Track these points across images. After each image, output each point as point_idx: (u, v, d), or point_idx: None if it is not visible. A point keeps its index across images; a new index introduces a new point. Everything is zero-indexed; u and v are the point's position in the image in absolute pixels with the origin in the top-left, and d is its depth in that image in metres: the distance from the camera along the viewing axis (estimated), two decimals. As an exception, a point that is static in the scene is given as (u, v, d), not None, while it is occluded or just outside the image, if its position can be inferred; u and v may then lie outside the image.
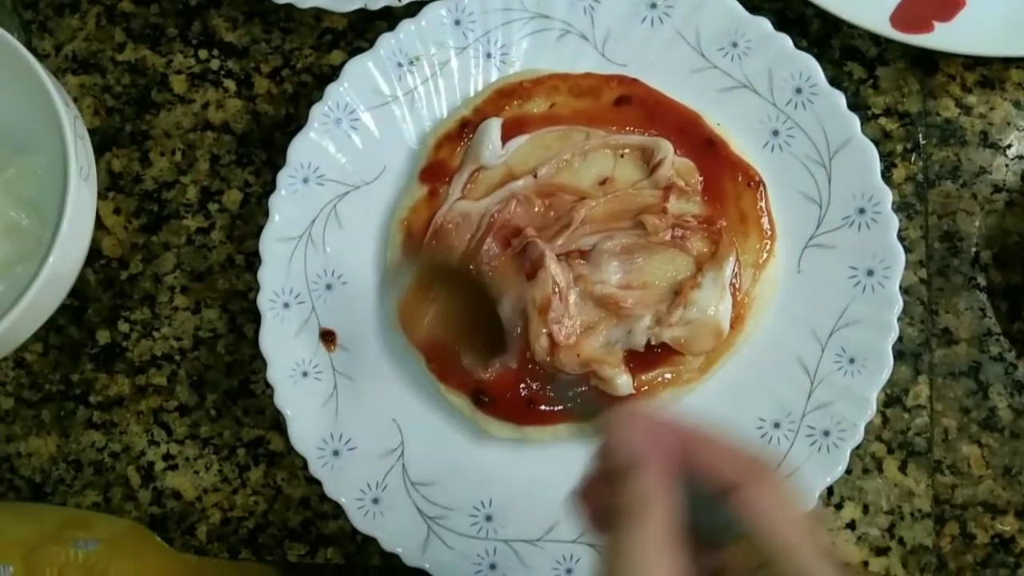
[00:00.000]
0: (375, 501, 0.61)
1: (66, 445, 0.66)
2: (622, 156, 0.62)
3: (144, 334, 0.67)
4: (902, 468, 0.62)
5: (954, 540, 0.61)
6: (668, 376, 0.60)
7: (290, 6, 0.64)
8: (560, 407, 0.60)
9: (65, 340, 0.67)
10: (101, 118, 0.69)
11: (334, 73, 0.67)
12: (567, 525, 0.60)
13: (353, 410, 0.62)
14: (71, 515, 0.64)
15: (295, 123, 0.67)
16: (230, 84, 0.69)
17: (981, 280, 0.63)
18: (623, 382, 0.59)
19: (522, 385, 0.60)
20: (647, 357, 0.60)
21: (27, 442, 0.66)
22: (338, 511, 0.61)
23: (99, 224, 0.68)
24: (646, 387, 0.60)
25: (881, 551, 0.61)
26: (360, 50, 0.65)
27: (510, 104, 0.63)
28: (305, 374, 0.62)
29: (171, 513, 0.65)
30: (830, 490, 0.60)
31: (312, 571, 0.65)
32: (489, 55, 0.64)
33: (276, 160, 0.66)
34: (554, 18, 0.64)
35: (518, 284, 0.60)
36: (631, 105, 0.62)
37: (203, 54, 0.69)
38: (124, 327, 0.67)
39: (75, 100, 0.69)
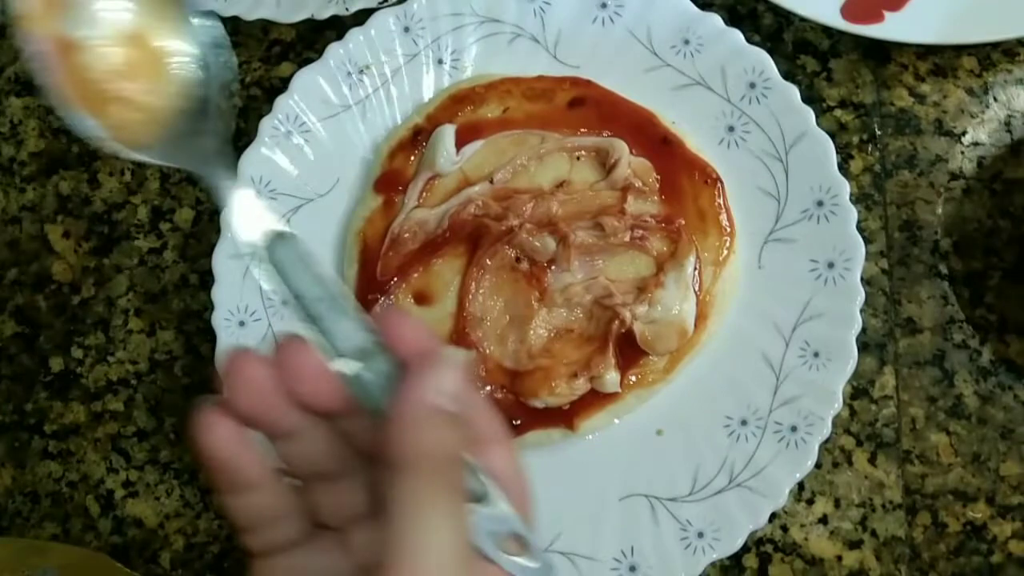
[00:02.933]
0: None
1: (22, 477, 0.65)
2: (578, 158, 0.61)
3: (99, 359, 0.65)
4: (871, 460, 0.61)
5: (926, 530, 0.60)
6: (633, 379, 0.59)
7: (236, 19, 0.63)
8: (520, 420, 0.59)
9: (17, 369, 0.66)
10: (47, 140, 0.67)
11: (284, 86, 0.66)
12: (538, 533, 0.58)
13: (315, 427, 0.60)
14: (28, 544, 0.62)
15: (246, 138, 0.65)
16: (178, 100, 0.67)
17: (942, 268, 0.63)
18: (611, 378, 0.58)
19: (484, 395, 0.59)
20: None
21: (-19, 475, 0.65)
22: (304, 531, 0.60)
23: (48, 249, 0.66)
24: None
25: (854, 544, 0.61)
26: (309, 61, 0.64)
27: (463, 110, 0.62)
28: (265, 393, 0.60)
29: (133, 541, 0.64)
30: (800, 485, 0.60)
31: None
32: (440, 61, 0.63)
33: (228, 176, 0.65)
34: (504, 22, 0.63)
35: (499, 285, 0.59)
36: (585, 107, 0.62)
37: (149, 71, 0.68)
38: (78, 353, 0.66)
39: (19, 122, 0.68)
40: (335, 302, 0.36)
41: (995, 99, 0.65)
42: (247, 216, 0.38)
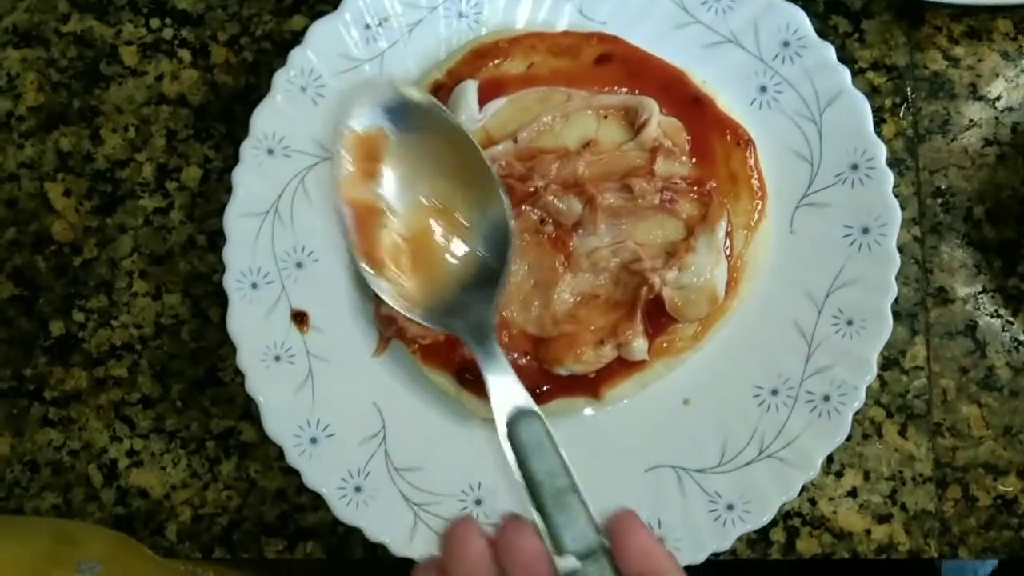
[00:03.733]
0: (357, 489, 0.57)
1: (20, 445, 0.62)
2: (605, 117, 0.59)
3: (101, 323, 0.63)
4: (902, 432, 0.60)
5: (956, 504, 0.59)
6: (663, 345, 0.57)
7: (247, -31, 0.61)
8: (545, 387, 0.57)
9: (15, 333, 0.63)
10: (46, 94, 0.64)
11: (296, 39, 0.63)
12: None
13: (330, 395, 0.58)
14: (57, 529, 0.59)
15: (256, 93, 0.63)
16: (185, 54, 0.65)
17: (975, 236, 0.61)
18: (639, 346, 0.56)
19: (508, 361, 0.57)
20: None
21: (-22, 443, 0.62)
22: (317, 503, 0.58)
23: (48, 207, 0.63)
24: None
25: (884, 518, 0.59)
26: (323, 14, 0.61)
27: (486, 65, 0.59)
28: (277, 358, 0.58)
29: (138, 513, 0.61)
30: (830, 458, 0.58)
31: (293, 568, 0.62)
32: (461, 14, 0.61)
33: (237, 133, 0.62)
34: (529, -26, 0.61)
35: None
36: (612, 64, 0.60)
37: (155, 23, 0.65)
38: (79, 316, 0.63)
39: (17, 75, 0.65)
40: (570, 495, 0.36)
41: (1030, 64, 0.63)
42: (499, 390, 0.40)
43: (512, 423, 0.37)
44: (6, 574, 0.52)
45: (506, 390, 0.40)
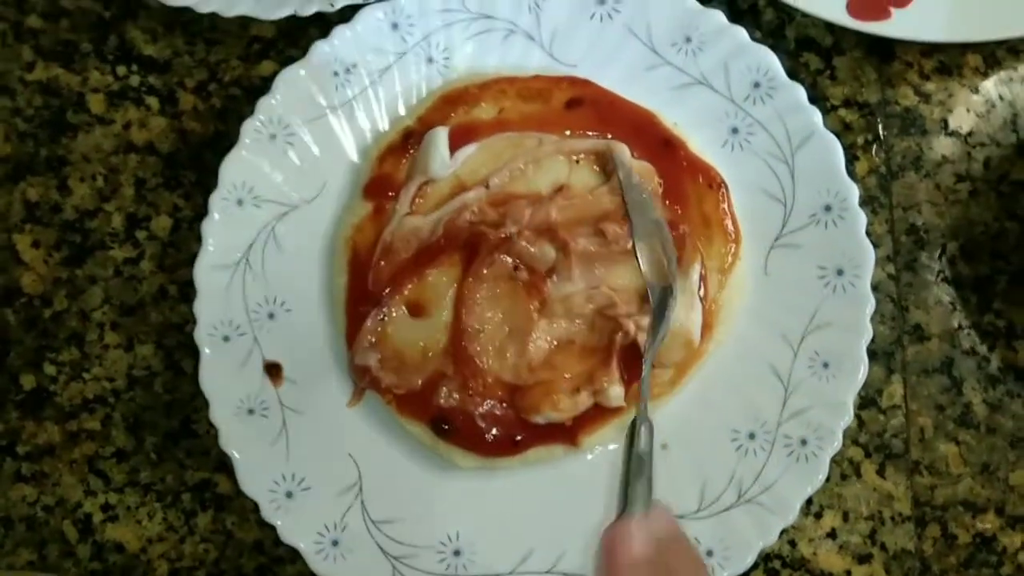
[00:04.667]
0: (335, 543, 0.57)
1: (-7, 501, 0.61)
2: (577, 161, 0.59)
3: (73, 376, 0.62)
4: (880, 472, 0.60)
5: (936, 542, 0.59)
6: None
7: (214, 15, 0.60)
8: (522, 436, 0.56)
9: (-15, 387, 0.62)
10: (12, 144, 0.64)
11: (265, 85, 0.62)
12: (541, 554, 0.57)
13: (305, 447, 0.58)
14: None
15: (226, 140, 0.62)
16: (152, 101, 0.64)
17: (949, 273, 0.61)
18: (615, 393, 0.56)
19: (483, 410, 0.57)
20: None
21: (-51, 500, 0.61)
22: (295, 554, 0.57)
23: (16, 259, 0.63)
24: (618, 402, 0.57)
25: (864, 558, 0.59)
26: (292, 59, 0.61)
27: (456, 111, 0.59)
28: (251, 411, 0.58)
29: (114, 568, 0.61)
30: (809, 499, 0.58)
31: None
32: (431, 59, 0.61)
33: (207, 181, 0.62)
34: (498, 18, 0.60)
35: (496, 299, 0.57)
36: (583, 107, 0.59)
37: (121, 70, 0.64)
38: (51, 369, 0.62)
39: (-18, 125, 0.64)
40: None
41: (1000, 98, 0.63)
42: None
43: None
44: None
45: None
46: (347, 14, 0.59)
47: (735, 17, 0.61)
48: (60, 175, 0.63)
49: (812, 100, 0.58)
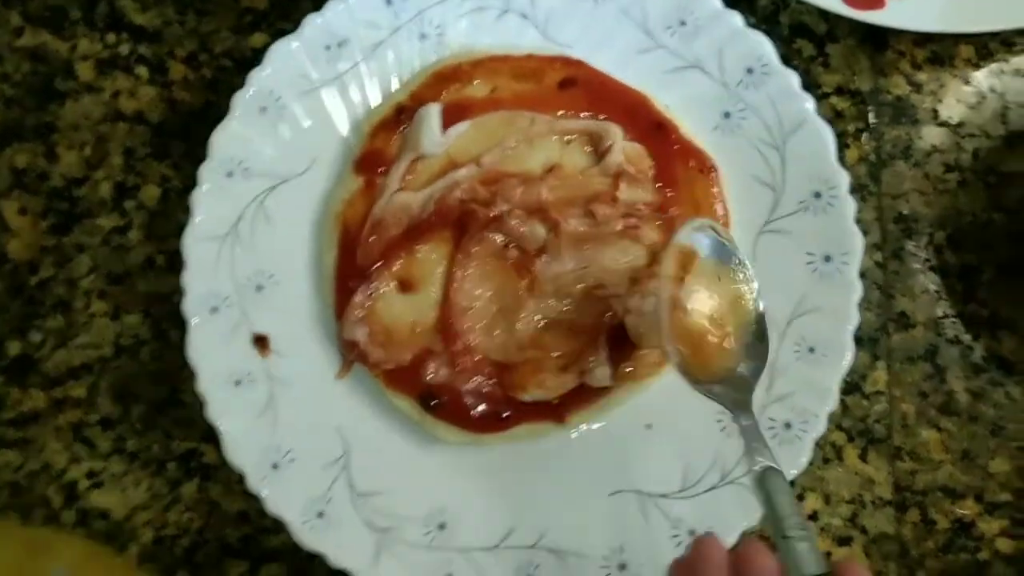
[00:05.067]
0: (320, 515, 0.57)
1: (-23, 467, 0.61)
2: (569, 142, 0.59)
3: (59, 344, 0.62)
4: (862, 456, 0.60)
5: (915, 527, 0.60)
6: (627, 370, 0.57)
7: (207, -15, 0.60)
8: (508, 413, 0.57)
9: (-30, 354, 0.62)
10: (0, 110, 0.63)
11: (256, 57, 0.62)
12: (525, 529, 0.57)
13: (292, 419, 0.58)
14: (29, 537, 0.59)
15: (215, 111, 0.61)
16: (142, 71, 0.63)
17: (936, 261, 0.62)
18: (603, 373, 0.56)
19: (470, 387, 0.57)
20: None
21: (-67, 466, 0.61)
22: (280, 525, 0.57)
23: (3, 226, 0.62)
24: (605, 383, 0.57)
25: (844, 541, 0.60)
26: (283, 32, 0.60)
27: (449, 88, 0.59)
28: (238, 383, 0.58)
29: (98, 534, 0.61)
30: (791, 482, 0.59)
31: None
32: (424, 35, 0.60)
33: (196, 152, 0.61)
34: (493, -5, 0.60)
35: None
36: (576, 88, 0.59)
37: (111, 38, 0.64)
38: (36, 337, 0.62)
39: (-30, 90, 0.63)
40: (803, 529, 0.44)
41: (992, 90, 0.63)
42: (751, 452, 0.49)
43: (763, 478, 0.47)
44: None
45: (759, 453, 0.49)
46: (342, -13, 0.59)
47: (730, 2, 0.61)
48: (48, 142, 0.63)
49: (805, 87, 0.59)
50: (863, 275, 0.59)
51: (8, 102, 0.63)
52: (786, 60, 0.59)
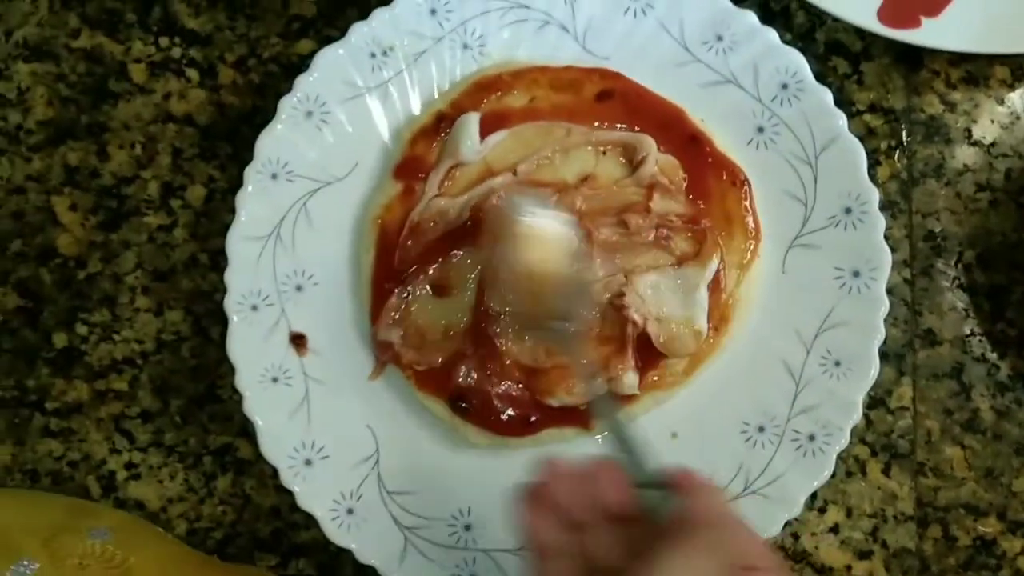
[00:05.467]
0: (349, 511, 0.58)
1: (21, 454, 0.63)
2: (604, 153, 0.60)
3: (104, 337, 0.64)
4: (885, 471, 0.61)
5: (937, 543, 0.60)
6: (654, 379, 0.58)
7: (256, -8, 0.62)
8: (536, 417, 0.58)
9: (19, 344, 0.64)
10: (55, 109, 0.65)
11: (302, 63, 0.64)
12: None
13: (325, 417, 0.59)
14: (75, 504, 0.61)
15: (262, 115, 0.64)
16: (193, 74, 0.65)
17: (965, 280, 0.62)
18: (630, 380, 0.57)
19: (500, 390, 0.58)
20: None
21: (-20, 451, 0.63)
22: (310, 521, 0.59)
23: (54, 221, 0.65)
24: (634, 389, 0.58)
25: (864, 554, 0.60)
26: (330, 39, 0.62)
27: (488, 98, 0.60)
28: (275, 380, 0.59)
29: (134, 523, 0.63)
30: (813, 494, 0.59)
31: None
32: (466, 46, 0.62)
33: (242, 154, 0.63)
34: (533, 8, 0.62)
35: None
36: (613, 100, 0.61)
37: (164, 42, 0.66)
38: (82, 330, 0.64)
39: (27, 89, 0.66)
40: (646, 450, 0.48)
41: (1026, 110, 0.64)
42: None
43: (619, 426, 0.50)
44: (19, 539, 0.54)
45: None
46: (386, -3, 0.61)
47: (767, 18, 0.62)
48: (100, 141, 0.65)
49: (838, 104, 0.59)
50: (891, 291, 0.60)
51: (64, 101, 0.65)
52: (821, 77, 0.60)
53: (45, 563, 0.54)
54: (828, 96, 0.59)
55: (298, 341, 0.60)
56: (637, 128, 0.60)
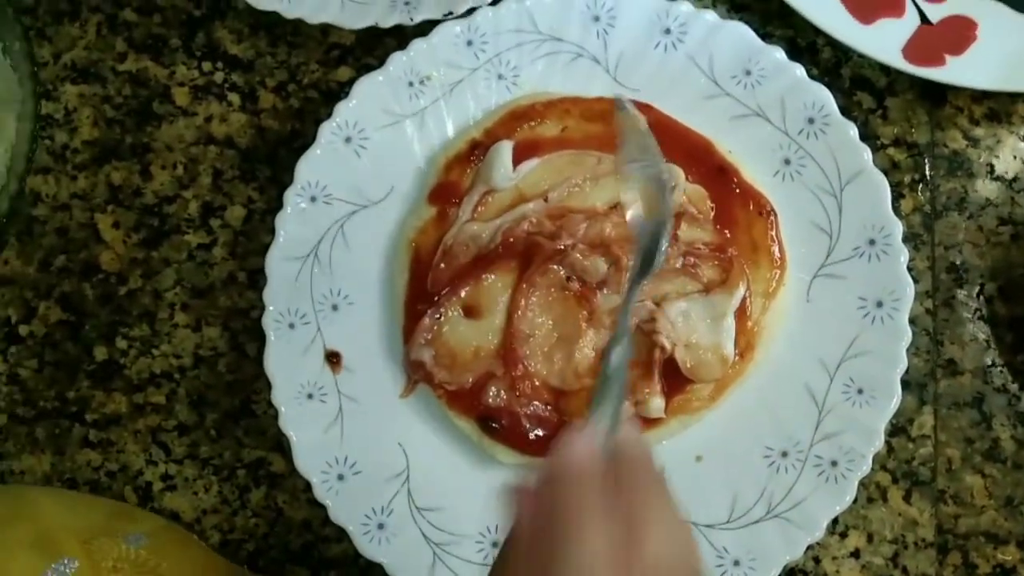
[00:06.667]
0: (380, 526, 0.60)
1: (61, 464, 0.65)
2: (634, 181, 0.62)
3: (143, 351, 0.66)
4: (906, 498, 0.62)
5: (956, 570, 0.61)
6: (680, 403, 0.60)
7: (298, 20, 0.64)
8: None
9: (61, 356, 0.66)
10: (100, 129, 0.67)
11: (341, 89, 0.66)
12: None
13: (358, 433, 0.61)
14: (116, 507, 0.63)
15: (300, 139, 0.66)
16: (234, 98, 0.68)
17: (986, 312, 0.63)
18: (656, 405, 0.58)
19: (529, 411, 0.60)
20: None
21: (20, 460, 0.65)
22: (341, 535, 0.60)
23: (97, 238, 0.67)
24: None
25: (884, 580, 0.61)
26: (368, 67, 0.64)
27: (521, 127, 0.62)
28: (310, 396, 0.61)
29: (168, 534, 0.64)
30: (835, 519, 0.60)
31: (313, 595, 0.64)
32: (500, 76, 0.64)
33: (280, 176, 0.65)
34: (567, 41, 0.63)
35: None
36: (643, 130, 0.62)
37: (207, 66, 0.68)
38: (122, 344, 0.66)
39: (74, 110, 0.68)
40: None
41: (1047, 147, 0.65)
42: None
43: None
44: (57, 539, 0.55)
45: None
46: (424, 28, 0.63)
47: (794, 54, 0.64)
48: (143, 161, 0.67)
49: (863, 138, 0.61)
50: (913, 322, 0.61)
51: (109, 122, 0.67)
52: (846, 111, 0.62)
53: (84, 563, 0.55)
54: (853, 130, 0.61)
55: (333, 359, 0.62)
56: (665, 158, 0.62)
